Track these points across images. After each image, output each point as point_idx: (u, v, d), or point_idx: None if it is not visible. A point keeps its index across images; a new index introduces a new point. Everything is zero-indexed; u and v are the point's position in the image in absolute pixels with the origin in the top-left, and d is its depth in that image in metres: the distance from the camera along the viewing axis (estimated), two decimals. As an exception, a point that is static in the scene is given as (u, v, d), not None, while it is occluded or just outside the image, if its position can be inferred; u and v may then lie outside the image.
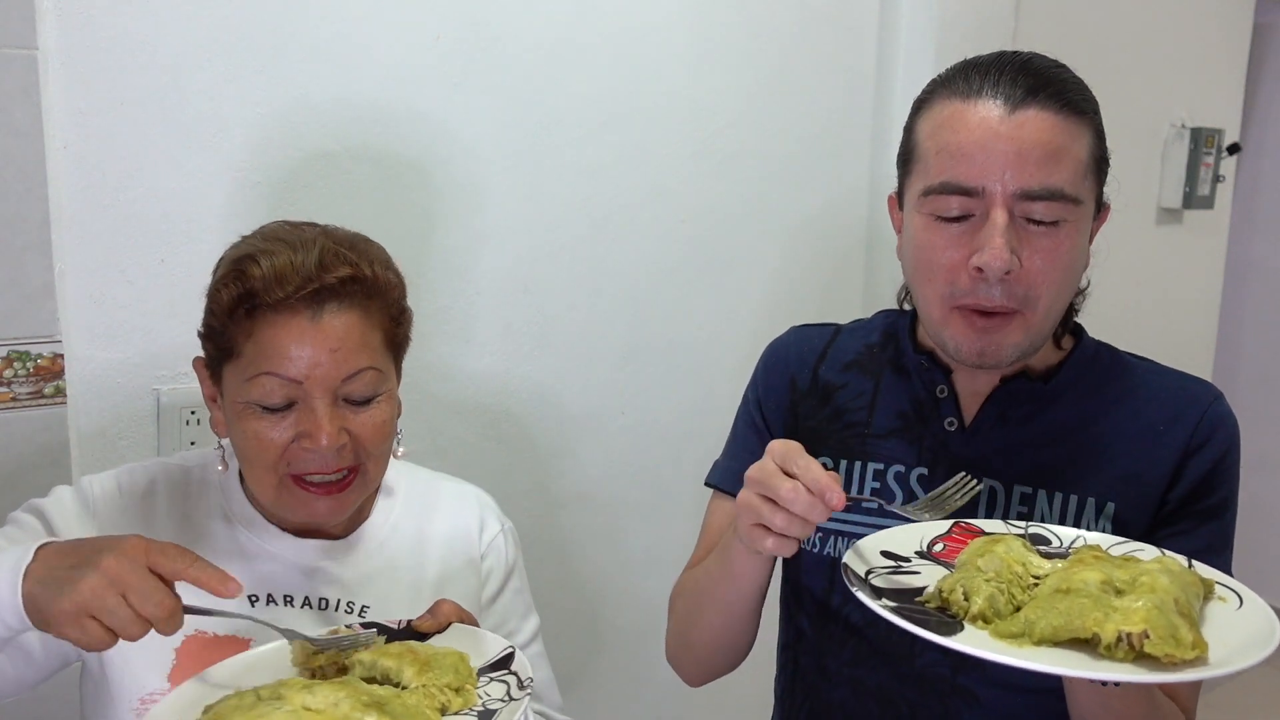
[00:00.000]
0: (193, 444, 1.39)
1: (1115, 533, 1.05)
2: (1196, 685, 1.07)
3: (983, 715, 1.08)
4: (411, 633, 0.99)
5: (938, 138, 1.03)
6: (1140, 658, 0.79)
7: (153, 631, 0.83)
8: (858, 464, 1.15)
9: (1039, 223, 1.00)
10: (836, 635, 1.15)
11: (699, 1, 1.80)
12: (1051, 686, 1.01)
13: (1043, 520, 1.07)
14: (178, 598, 0.82)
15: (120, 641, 0.88)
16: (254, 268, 0.99)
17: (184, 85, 1.35)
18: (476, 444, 1.69)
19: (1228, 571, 1.04)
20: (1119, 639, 0.79)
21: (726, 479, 1.25)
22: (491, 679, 0.92)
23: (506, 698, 0.89)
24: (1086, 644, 0.82)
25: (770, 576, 1.09)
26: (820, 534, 1.16)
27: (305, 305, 0.99)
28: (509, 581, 1.23)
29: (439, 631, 0.99)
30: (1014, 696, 1.08)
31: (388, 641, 0.97)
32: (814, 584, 1.17)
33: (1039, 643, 0.82)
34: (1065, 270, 1.02)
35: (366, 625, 1.01)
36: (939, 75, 1.08)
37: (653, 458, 1.89)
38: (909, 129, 1.09)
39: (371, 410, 1.05)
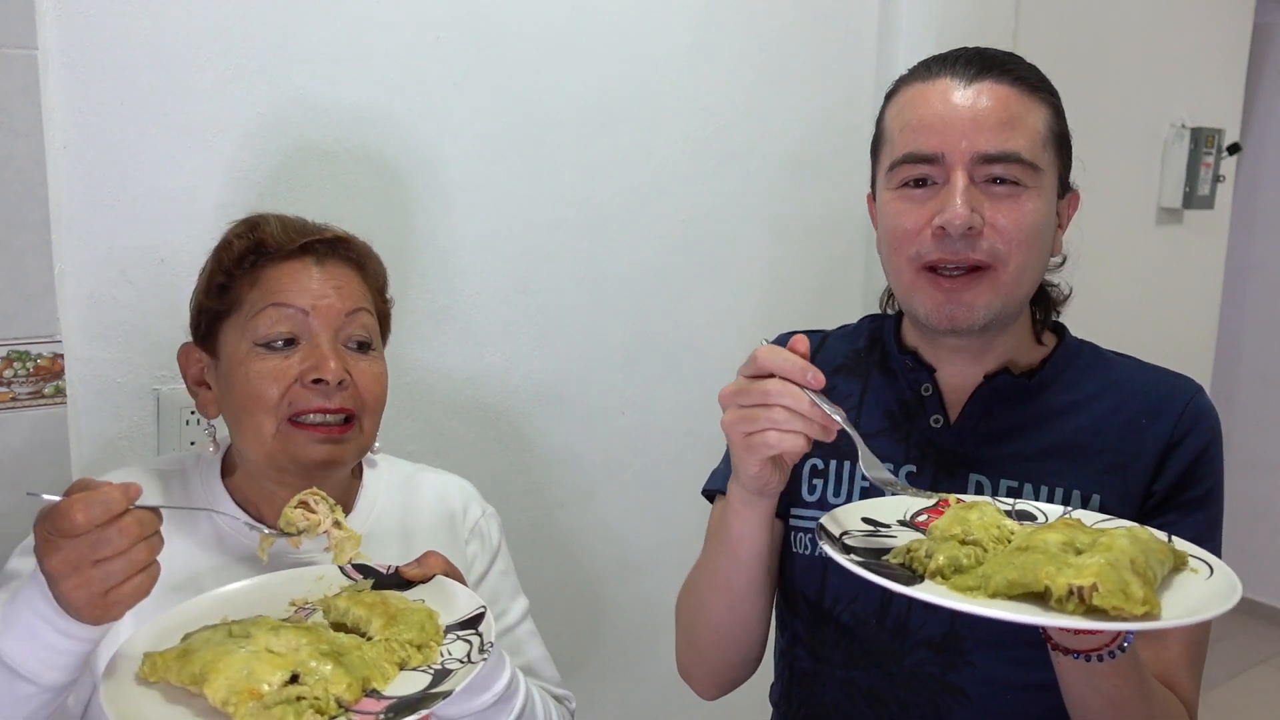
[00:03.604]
0: (192, 444, 1.39)
1: None
2: (1195, 674, 1.07)
3: (974, 713, 1.09)
4: (398, 579, 1.01)
5: (901, 117, 1.09)
6: (1090, 611, 0.80)
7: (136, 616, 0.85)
8: (847, 464, 1.16)
9: (1000, 183, 1.03)
10: (829, 637, 1.16)
11: (699, 1, 1.80)
12: (1042, 682, 1.02)
13: None
14: (125, 510, 0.82)
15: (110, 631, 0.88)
16: (265, 224, 1.08)
17: (184, 85, 1.35)
18: (476, 444, 1.69)
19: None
20: (1070, 592, 0.80)
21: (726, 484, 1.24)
22: (459, 637, 0.93)
23: (466, 658, 0.90)
24: (1041, 599, 0.83)
25: (769, 546, 1.07)
26: (810, 536, 1.16)
27: (308, 253, 1.08)
28: (494, 564, 1.24)
29: (423, 581, 1.01)
30: (1005, 694, 1.08)
31: (374, 586, 1.00)
32: (806, 587, 1.18)
33: (994, 596, 0.83)
34: (1030, 230, 1.05)
35: (357, 566, 1.03)
36: (902, 74, 1.14)
37: (652, 457, 1.90)
38: (879, 120, 1.15)
39: (369, 360, 1.10)
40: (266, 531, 0.98)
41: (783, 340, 1.27)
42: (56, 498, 0.84)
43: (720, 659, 1.19)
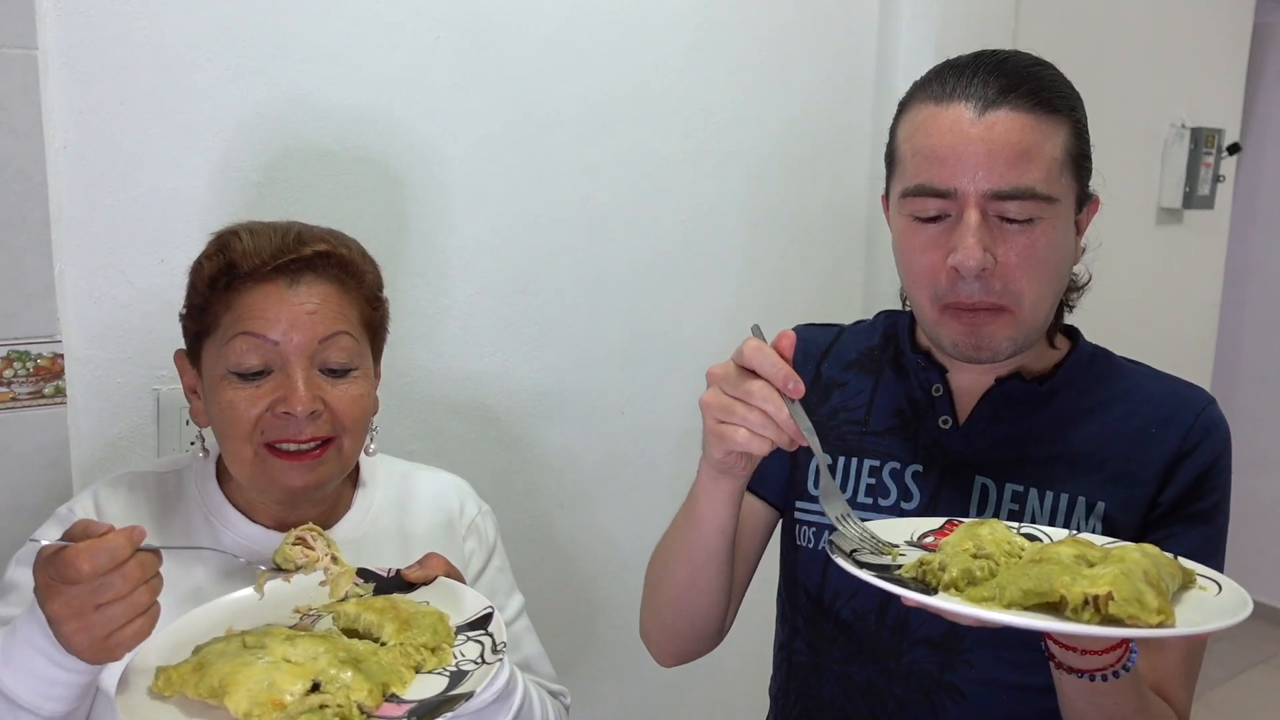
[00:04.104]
0: (192, 444, 1.39)
1: (1105, 532, 1.06)
2: (1190, 685, 1.07)
3: (969, 712, 1.09)
4: (399, 582, 1.01)
5: (913, 141, 1.06)
6: (1106, 620, 0.80)
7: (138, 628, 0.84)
8: (854, 460, 1.16)
9: (1013, 221, 1.02)
10: (828, 632, 1.16)
11: (699, 1, 1.80)
12: (1038, 684, 1.02)
13: (1033, 518, 1.08)
14: (128, 554, 0.82)
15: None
16: (236, 242, 1.04)
17: (184, 85, 1.35)
18: (476, 444, 1.69)
19: None
20: (1085, 601, 0.81)
21: None
22: (469, 638, 0.93)
23: (480, 659, 0.90)
24: (1055, 609, 0.83)
25: (733, 523, 1.07)
26: (814, 530, 1.16)
27: (282, 275, 1.03)
28: (491, 561, 1.24)
29: (425, 583, 1.01)
30: (1001, 694, 1.08)
31: (376, 590, 1.00)
32: (808, 580, 1.18)
33: (1009, 606, 0.84)
34: (1044, 265, 1.03)
35: (358, 570, 1.03)
36: (919, 78, 1.10)
37: (652, 457, 1.90)
38: (892, 131, 1.11)
39: (348, 383, 1.06)
40: (263, 569, 0.97)
41: (798, 333, 1.28)
42: (51, 542, 0.83)
43: (675, 626, 1.19)
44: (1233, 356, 4.16)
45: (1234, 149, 2.96)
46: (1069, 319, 1.19)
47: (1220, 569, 1.07)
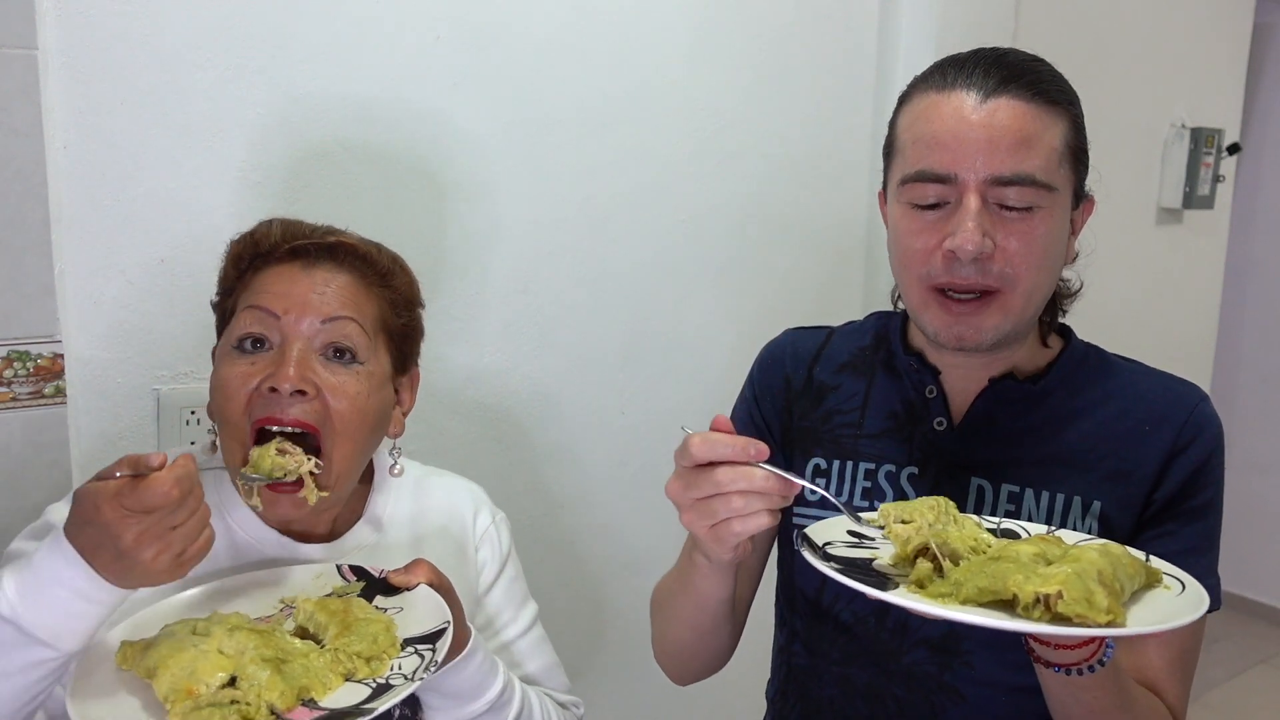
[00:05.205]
0: (192, 444, 1.39)
1: (1101, 532, 1.06)
2: (1182, 681, 1.08)
3: (969, 713, 1.09)
4: (385, 584, 1.02)
5: (914, 129, 1.06)
6: (1056, 619, 0.81)
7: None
8: (849, 464, 1.16)
9: (1013, 208, 1.02)
10: (827, 634, 1.17)
11: (699, 1, 1.80)
12: (1037, 685, 1.02)
13: (1029, 519, 1.08)
14: (181, 492, 0.83)
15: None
16: (264, 227, 1.06)
17: (184, 85, 1.35)
18: (477, 444, 1.69)
19: (1213, 571, 1.05)
20: (1036, 600, 0.82)
21: None
22: (415, 650, 0.93)
23: (412, 675, 0.90)
24: (1010, 606, 0.84)
25: (732, 589, 1.08)
26: None
27: (298, 257, 1.04)
28: (504, 570, 1.23)
29: (408, 589, 1.01)
30: (1000, 695, 1.09)
31: (364, 589, 1.01)
32: (806, 584, 1.18)
33: (965, 602, 0.85)
34: (1042, 253, 1.04)
35: (352, 567, 1.05)
36: (919, 73, 1.10)
37: (652, 457, 1.90)
38: (891, 124, 1.12)
39: (349, 374, 1.03)
40: (254, 478, 0.97)
41: (788, 337, 1.29)
42: (107, 479, 0.84)
43: (687, 667, 1.23)
44: (1233, 356, 4.16)
45: (1234, 149, 2.97)
46: (1065, 322, 1.19)
47: (1214, 563, 1.07)
